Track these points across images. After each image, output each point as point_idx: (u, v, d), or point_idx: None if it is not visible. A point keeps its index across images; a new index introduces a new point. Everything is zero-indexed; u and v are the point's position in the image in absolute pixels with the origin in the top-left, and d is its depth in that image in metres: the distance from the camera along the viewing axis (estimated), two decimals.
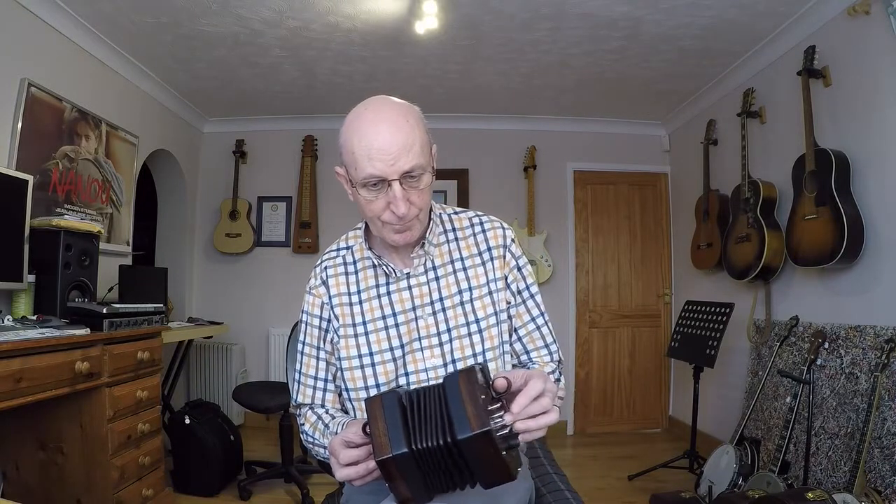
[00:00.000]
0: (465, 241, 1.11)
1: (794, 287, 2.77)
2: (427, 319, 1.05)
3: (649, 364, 4.22)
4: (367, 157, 0.93)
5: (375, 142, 0.93)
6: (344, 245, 1.14)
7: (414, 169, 0.94)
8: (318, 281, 1.11)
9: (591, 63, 3.26)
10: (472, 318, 1.05)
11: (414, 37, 2.91)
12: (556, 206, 4.23)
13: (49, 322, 1.95)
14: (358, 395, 1.05)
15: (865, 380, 2.19)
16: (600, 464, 3.36)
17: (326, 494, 1.32)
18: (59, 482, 2.06)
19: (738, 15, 2.66)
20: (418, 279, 1.07)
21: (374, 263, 1.08)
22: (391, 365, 1.03)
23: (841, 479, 2.21)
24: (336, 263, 1.12)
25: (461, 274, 1.08)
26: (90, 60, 2.88)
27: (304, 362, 1.11)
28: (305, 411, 1.11)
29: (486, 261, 1.10)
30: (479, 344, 1.04)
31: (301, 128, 4.23)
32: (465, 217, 1.15)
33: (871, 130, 2.29)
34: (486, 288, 1.08)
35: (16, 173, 2.16)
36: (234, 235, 4.13)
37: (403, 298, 1.06)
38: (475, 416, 0.75)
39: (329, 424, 1.03)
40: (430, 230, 1.08)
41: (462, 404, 0.76)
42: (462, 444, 0.75)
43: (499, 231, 1.13)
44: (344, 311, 1.07)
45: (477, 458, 0.77)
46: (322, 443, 1.03)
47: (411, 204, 0.96)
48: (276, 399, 2.80)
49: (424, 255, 1.08)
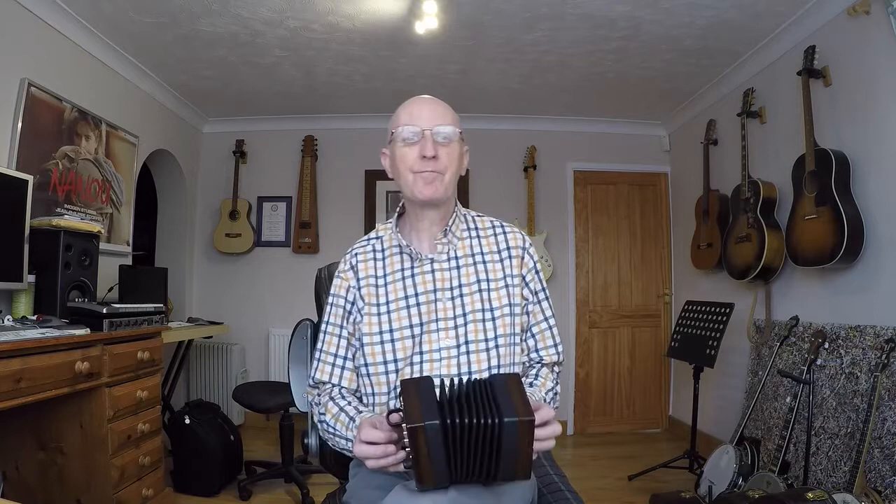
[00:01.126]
0: (486, 240, 1.22)
1: (794, 287, 2.77)
2: (446, 303, 1.12)
3: (649, 364, 4.22)
4: (409, 116, 1.14)
5: (416, 107, 1.16)
6: (374, 235, 1.25)
7: (445, 128, 1.12)
8: (347, 266, 1.21)
9: (591, 63, 3.26)
10: (487, 305, 1.13)
11: (414, 37, 2.91)
12: (556, 206, 4.23)
13: (49, 322, 1.95)
14: (377, 369, 1.11)
15: (865, 380, 2.19)
16: (600, 464, 3.36)
17: (327, 494, 1.32)
18: (59, 482, 2.06)
19: (737, 15, 2.66)
20: (441, 265, 1.16)
21: (401, 249, 1.18)
22: (409, 342, 1.10)
23: (841, 479, 2.21)
24: (366, 250, 1.22)
25: (480, 266, 1.17)
26: (90, 60, 2.88)
27: (325, 341, 1.19)
28: (325, 400, 1.14)
29: (504, 258, 1.19)
30: (492, 330, 1.11)
31: (301, 128, 4.23)
32: (487, 220, 1.27)
33: (871, 130, 2.29)
34: (502, 282, 1.16)
35: (16, 173, 2.16)
36: (234, 235, 4.13)
37: (426, 281, 1.14)
38: (523, 405, 0.82)
39: (355, 419, 1.06)
40: (455, 223, 1.19)
41: (510, 396, 0.83)
42: (506, 427, 0.80)
43: (518, 235, 1.24)
44: (370, 292, 1.16)
45: (511, 446, 0.81)
46: (346, 435, 1.05)
47: (439, 157, 1.11)
48: (276, 399, 2.80)
49: (448, 244, 1.18)
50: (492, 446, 0.82)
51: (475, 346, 1.09)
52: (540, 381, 1.17)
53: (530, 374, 1.19)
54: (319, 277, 1.44)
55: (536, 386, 1.15)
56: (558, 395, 1.19)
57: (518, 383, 0.86)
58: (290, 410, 2.84)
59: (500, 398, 0.83)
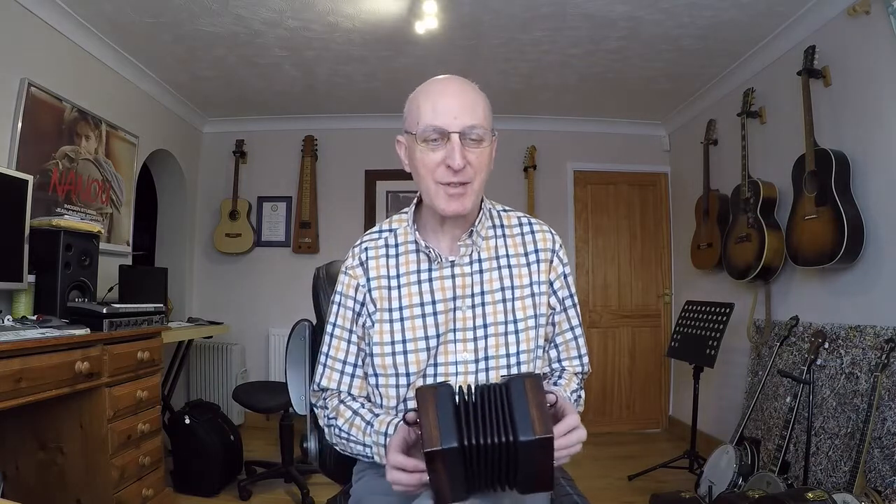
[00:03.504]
0: (513, 240, 1.10)
1: (794, 287, 2.77)
2: (466, 312, 1.02)
3: (649, 364, 4.22)
4: (432, 110, 0.96)
5: (442, 97, 0.97)
6: (387, 227, 1.11)
7: (475, 127, 0.97)
8: (356, 262, 1.08)
9: (591, 63, 3.26)
10: (511, 317, 1.03)
11: (414, 37, 2.91)
12: (556, 206, 4.23)
13: (49, 322, 1.95)
14: (387, 381, 1.02)
15: (865, 380, 2.19)
16: (600, 464, 3.36)
17: (328, 499, 1.30)
18: (59, 482, 2.06)
19: (737, 15, 2.65)
20: (462, 269, 1.04)
21: (418, 248, 1.05)
22: (424, 354, 1.01)
23: (841, 479, 2.20)
24: (378, 245, 1.09)
25: (505, 271, 1.06)
26: (90, 60, 2.88)
27: (332, 345, 1.08)
28: (335, 404, 1.06)
29: (531, 262, 1.08)
30: (515, 345, 1.02)
31: (301, 128, 4.23)
32: (514, 216, 1.14)
33: (871, 130, 2.29)
34: (528, 289, 1.06)
35: (16, 173, 2.16)
36: (234, 235, 4.13)
37: (445, 287, 1.03)
38: (540, 421, 0.76)
39: (372, 422, 0.98)
40: (480, 221, 1.06)
41: (527, 407, 0.77)
42: (521, 447, 0.76)
43: (547, 235, 1.12)
44: (382, 295, 1.04)
45: (530, 463, 0.77)
46: (363, 440, 0.99)
47: (468, 163, 0.97)
48: (276, 399, 2.80)
49: (472, 246, 1.05)
50: (508, 465, 0.78)
51: (495, 363, 1.01)
52: (563, 381, 1.09)
53: (553, 377, 1.12)
54: (318, 277, 1.38)
55: (561, 386, 1.07)
56: (582, 399, 1.11)
57: (536, 387, 0.79)
58: (289, 411, 2.84)
59: (517, 410, 0.77)
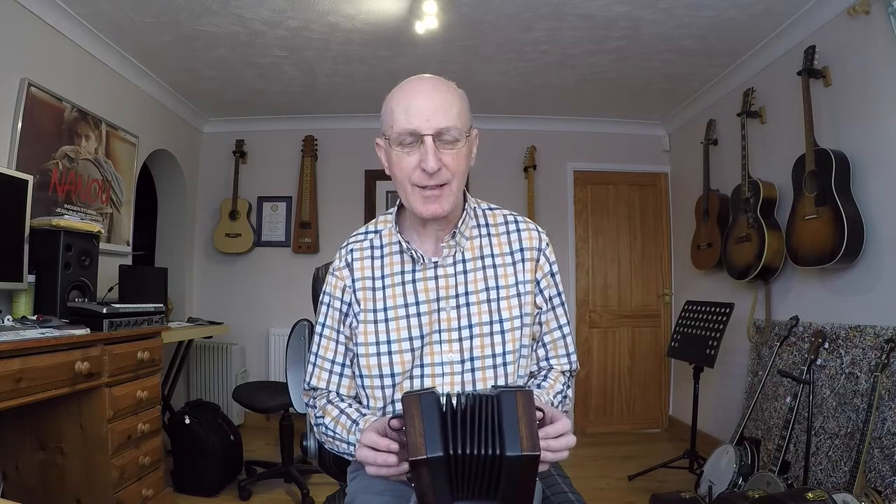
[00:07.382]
0: (498, 239, 1.09)
1: (794, 287, 2.77)
2: (450, 312, 1.03)
3: (649, 364, 4.22)
4: (405, 113, 0.96)
5: (414, 99, 0.96)
6: (373, 228, 1.12)
7: (449, 129, 0.95)
8: (343, 263, 1.09)
9: (591, 63, 3.26)
10: (496, 317, 1.03)
11: (414, 37, 2.91)
12: (556, 206, 4.23)
13: (49, 322, 1.94)
14: (372, 382, 1.03)
15: (865, 380, 2.19)
16: (600, 464, 3.36)
17: (327, 496, 1.31)
18: (59, 482, 2.06)
19: (737, 15, 2.65)
20: (446, 270, 1.05)
21: (402, 248, 1.05)
22: (408, 355, 1.02)
23: (841, 479, 2.21)
24: (363, 247, 1.10)
25: (490, 271, 1.06)
26: (90, 60, 2.88)
27: (322, 345, 1.10)
28: (323, 403, 1.08)
29: (516, 261, 1.07)
30: (500, 345, 1.02)
31: (301, 128, 4.23)
32: (500, 214, 1.13)
33: (871, 130, 2.29)
34: (514, 289, 1.05)
35: (16, 173, 2.16)
36: (234, 235, 4.13)
37: (428, 288, 1.04)
38: (528, 437, 0.76)
39: (358, 421, 1.00)
40: (464, 221, 1.06)
41: (517, 422, 0.77)
42: (507, 461, 0.76)
43: (534, 233, 1.11)
44: (366, 296, 1.05)
45: (513, 478, 0.78)
46: (347, 439, 1.00)
47: (444, 165, 0.96)
48: (276, 399, 2.80)
49: (455, 247, 1.05)
50: (491, 477, 0.79)
51: (481, 363, 1.01)
52: (549, 382, 1.09)
53: (538, 377, 1.12)
54: (317, 277, 1.40)
55: (544, 388, 1.07)
56: (568, 399, 1.11)
57: (528, 403, 0.79)
58: (289, 410, 2.84)
59: (507, 423, 0.77)
